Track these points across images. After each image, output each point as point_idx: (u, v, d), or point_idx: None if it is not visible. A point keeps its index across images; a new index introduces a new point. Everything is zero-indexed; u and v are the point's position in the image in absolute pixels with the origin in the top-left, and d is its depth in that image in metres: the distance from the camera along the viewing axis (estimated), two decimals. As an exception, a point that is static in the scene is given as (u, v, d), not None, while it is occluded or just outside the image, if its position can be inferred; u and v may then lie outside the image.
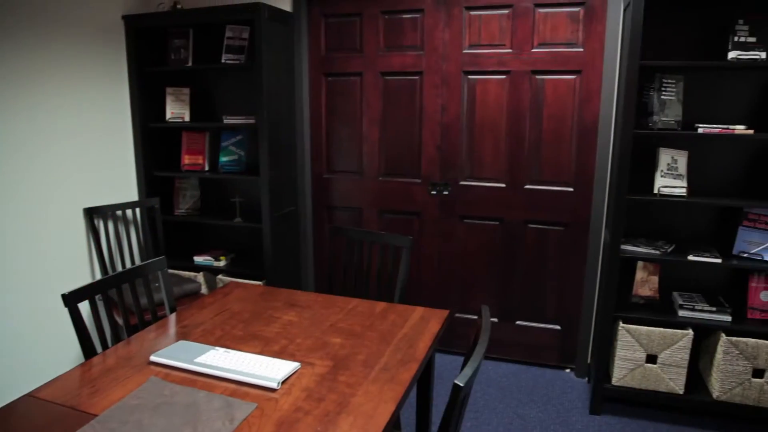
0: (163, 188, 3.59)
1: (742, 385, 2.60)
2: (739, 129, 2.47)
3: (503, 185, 3.19)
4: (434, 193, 3.31)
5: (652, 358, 2.71)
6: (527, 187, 3.16)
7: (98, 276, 3.21)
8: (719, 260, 2.58)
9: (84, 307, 2.99)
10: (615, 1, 2.78)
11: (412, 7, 3.15)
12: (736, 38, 2.44)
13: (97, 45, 3.10)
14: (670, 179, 2.67)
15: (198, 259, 3.48)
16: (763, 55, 2.41)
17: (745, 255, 2.63)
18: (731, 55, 2.44)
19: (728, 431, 2.68)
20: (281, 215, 3.35)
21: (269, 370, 1.60)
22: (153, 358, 1.67)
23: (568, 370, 3.29)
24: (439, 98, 3.19)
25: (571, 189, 3.09)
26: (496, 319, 3.37)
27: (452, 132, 3.21)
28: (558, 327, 3.27)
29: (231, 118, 3.28)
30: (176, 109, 3.44)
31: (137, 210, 3.44)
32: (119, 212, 3.34)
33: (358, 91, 3.36)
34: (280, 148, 3.28)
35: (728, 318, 2.61)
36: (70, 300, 1.81)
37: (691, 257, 2.61)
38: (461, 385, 1.19)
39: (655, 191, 2.65)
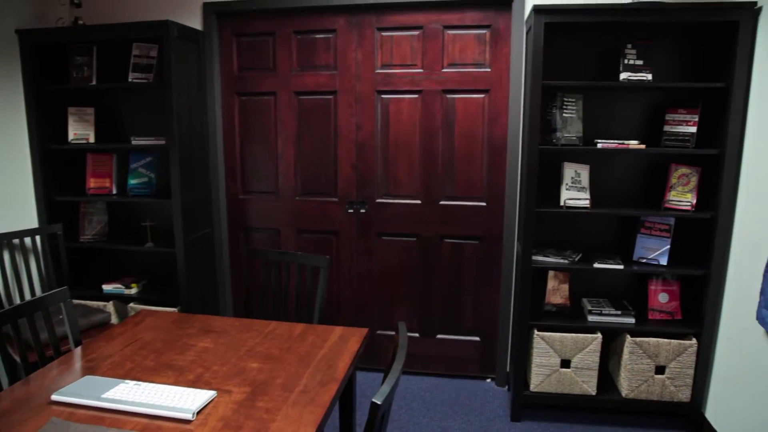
0: (67, 214, 3.39)
1: (646, 382, 2.76)
2: (633, 144, 2.65)
3: (418, 202, 3.25)
4: (351, 211, 3.33)
5: (566, 363, 2.82)
6: (442, 203, 3.23)
7: (-7, 311, 2.97)
8: (621, 266, 2.74)
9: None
10: (518, 24, 2.92)
11: (325, 27, 3.17)
12: (626, 61, 2.63)
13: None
14: (575, 192, 2.82)
15: (107, 288, 3.30)
16: (650, 76, 2.61)
17: (644, 260, 2.81)
18: (623, 76, 2.63)
19: (637, 426, 2.83)
20: (195, 238, 3.24)
21: (183, 400, 1.54)
22: (55, 397, 1.56)
23: (488, 380, 3.37)
24: (353, 117, 3.22)
25: (483, 204, 3.19)
26: (417, 334, 3.41)
27: (367, 150, 3.24)
28: (477, 338, 3.35)
29: (140, 139, 3.16)
30: (80, 130, 3.27)
31: (37, 237, 3.22)
32: (16, 240, 3.11)
33: (273, 111, 3.33)
34: (192, 169, 3.19)
35: (632, 320, 2.78)
36: (-42, 339, 1.66)
37: (596, 265, 2.76)
38: (379, 403, 1.19)
39: (562, 204, 2.79)
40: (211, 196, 3.43)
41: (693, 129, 2.65)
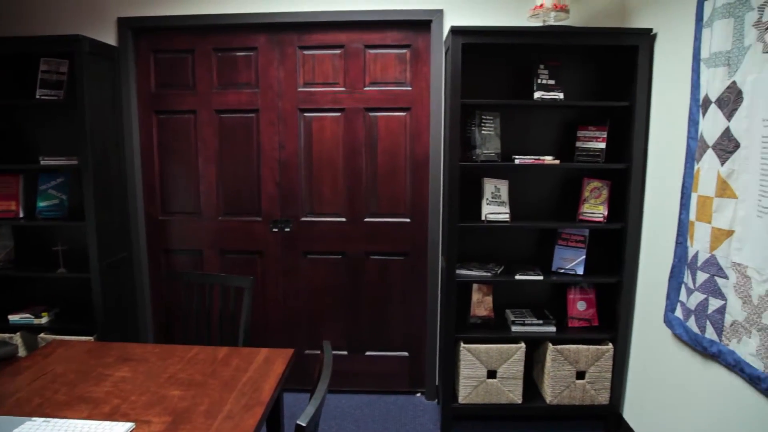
0: (-34, 241, 3.15)
1: (568, 388, 2.86)
2: (548, 159, 2.78)
3: (343, 219, 3.26)
4: (276, 230, 3.28)
5: (492, 374, 2.89)
6: (367, 220, 3.25)
7: None
8: (541, 277, 2.85)
9: None
10: (437, 44, 3.00)
11: (246, 45, 3.14)
12: (539, 81, 2.76)
13: None
14: (495, 206, 2.91)
15: (13, 318, 3.08)
16: (561, 95, 2.75)
17: (562, 270, 2.93)
18: (537, 95, 2.75)
19: (561, 430, 2.93)
20: (112, 262, 3.10)
21: (96, 435, 1.46)
22: (-51, 440, 1.45)
23: (418, 395, 3.39)
24: (276, 135, 3.19)
25: (408, 219, 3.24)
26: (345, 352, 3.39)
27: (291, 169, 3.22)
28: (406, 353, 3.37)
29: (49, 159, 2.99)
30: (-20, 151, 3.07)
31: (-68, 267, 2.98)
32: None
33: (193, 129, 3.25)
34: (108, 189, 3.05)
35: (553, 329, 2.88)
36: None
37: (518, 276, 2.85)
38: (303, 425, 1.17)
39: (483, 218, 2.88)
40: (128, 218, 3.28)
41: (602, 145, 2.81)
